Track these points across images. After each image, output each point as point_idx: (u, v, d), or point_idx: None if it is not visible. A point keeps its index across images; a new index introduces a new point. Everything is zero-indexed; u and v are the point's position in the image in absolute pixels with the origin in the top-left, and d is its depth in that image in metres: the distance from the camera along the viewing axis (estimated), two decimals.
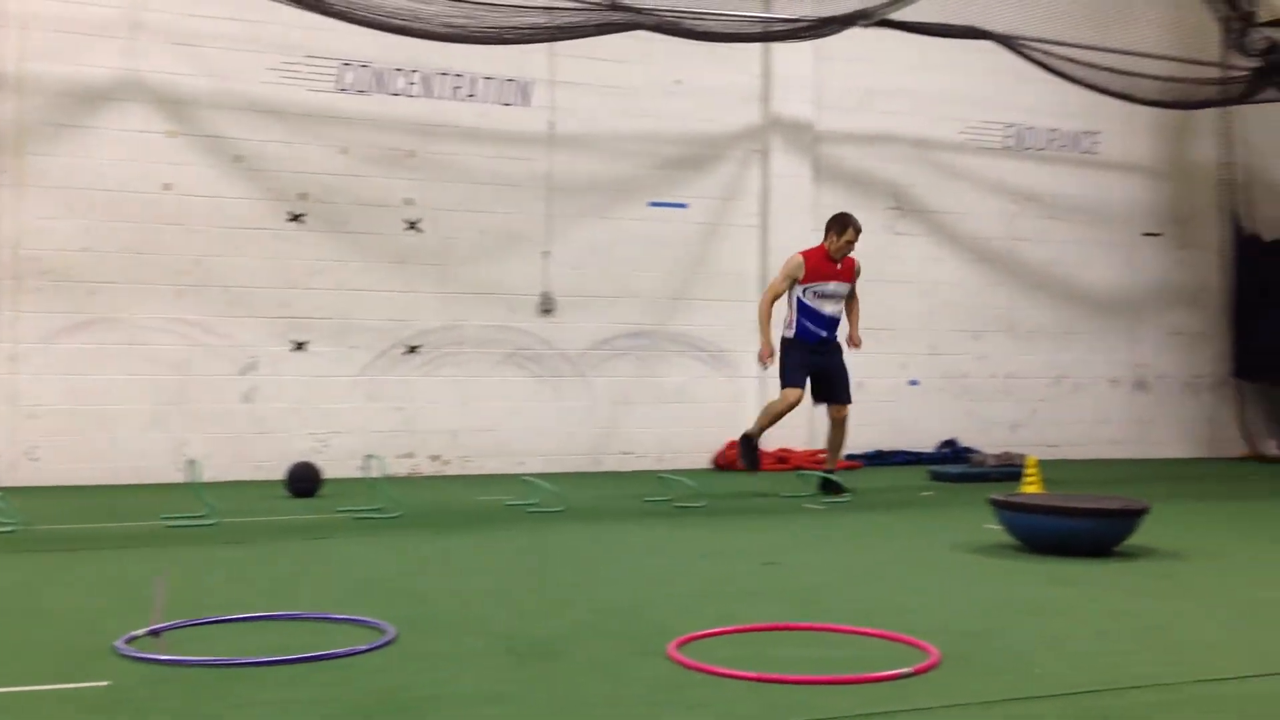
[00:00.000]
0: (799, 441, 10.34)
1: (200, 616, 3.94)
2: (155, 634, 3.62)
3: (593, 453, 9.91)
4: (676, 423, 10.17)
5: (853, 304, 8.35)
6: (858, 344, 8.34)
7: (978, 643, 3.66)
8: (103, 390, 8.59)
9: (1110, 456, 11.76)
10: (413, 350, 9.42)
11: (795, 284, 8.04)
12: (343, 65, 9.20)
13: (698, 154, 10.32)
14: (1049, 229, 11.68)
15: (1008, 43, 9.79)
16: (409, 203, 9.41)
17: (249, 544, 5.77)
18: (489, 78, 9.61)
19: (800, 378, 8.01)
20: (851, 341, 8.31)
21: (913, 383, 11.04)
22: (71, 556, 5.39)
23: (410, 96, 9.42)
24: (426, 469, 9.43)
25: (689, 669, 3.30)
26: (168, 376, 8.74)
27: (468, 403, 9.56)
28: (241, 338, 8.94)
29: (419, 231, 9.44)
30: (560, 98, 9.83)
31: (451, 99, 9.54)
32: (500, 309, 9.67)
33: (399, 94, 9.39)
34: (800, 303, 8.04)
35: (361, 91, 9.28)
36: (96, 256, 8.58)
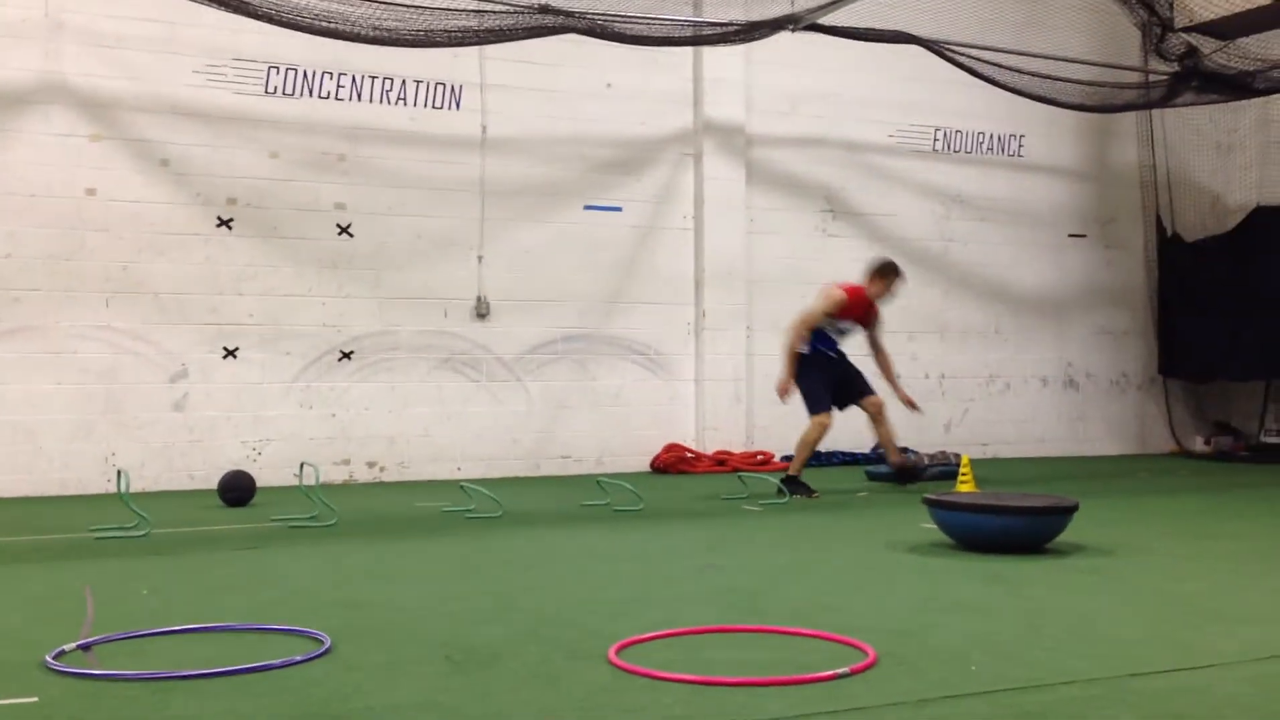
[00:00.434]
0: (738, 444, 10.41)
1: (132, 629, 3.87)
2: (85, 648, 3.55)
3: (531, 457, 9.89)
4: (615, 426, 10.18)
5: (885, 357, 8.56)
6: (912, 405, 8.44)
7: (913, 641, 3.71)
8: (27, 400, 8.42)
9: (1042, 454, 11.96)
10: (346, 356, 9.34)
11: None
12: (270, 68, 9.11)
13: (631, 157, 10.35)
14: (978, 230, 11.86)
15: (934, 47, 9.92)
16: (340, 207, 9.34)
17: (181, 555, 5.68)
18: (419, 81, 9.56)
19: (827, 400, 8.16)
20: (908, 404, 8.42)
21: None
22: None
23: (340, 100, 9.35)
24: (362, 476, 9.35)
25: (627, 673, 3.30)
26: (95, 385, 8.59)
27: (403, 408, 9.49)
28: (171, 345, 8.81)
29: (350, 236, 9.36)
30: (492, 101, 9.81)
31: (382, 102, 9.47)
32: (435, 314, 9.61)
33: (328, 97, 9.31)
34: (819, 330, 8.18)
35: (289, 95, 9.18)
36: (19, 263, 8.42)
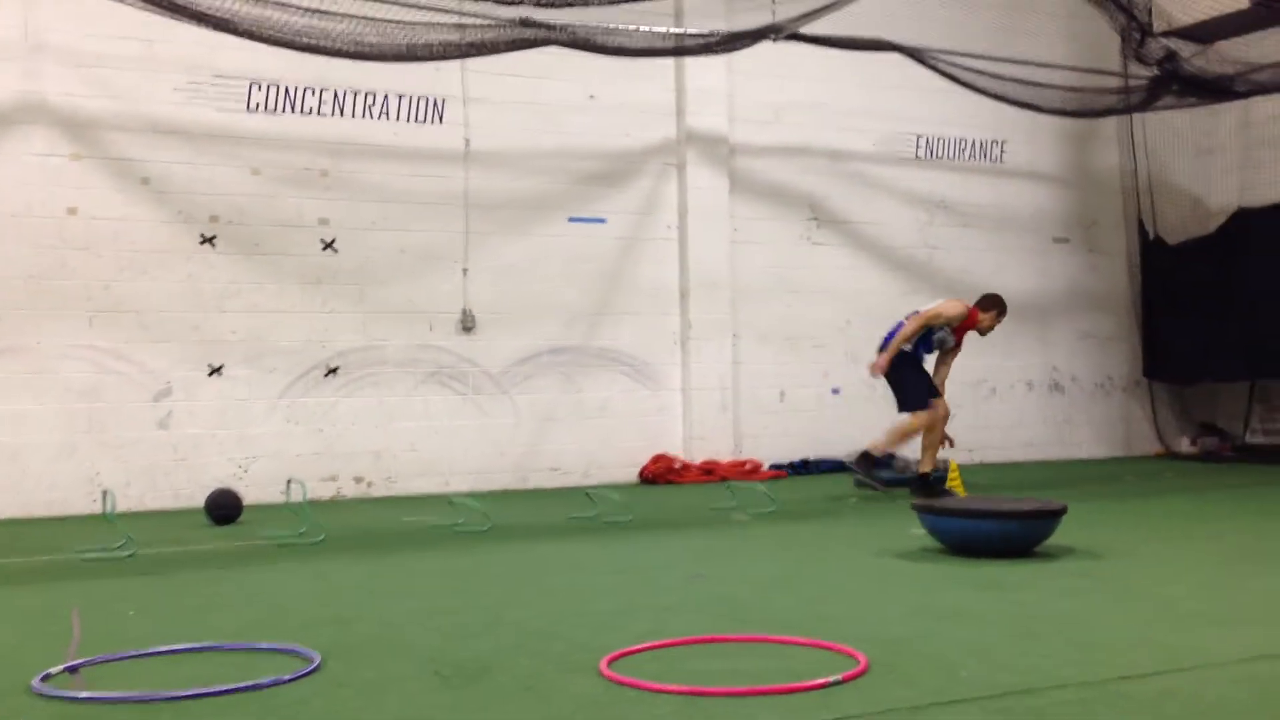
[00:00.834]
0: (725, 453, 10.41)
1: (119, 650, 3.84)
2: (73, 670, 3.53)
3: (519, 470, 9.87)
4: (602, 437, 10.17)
5: (944, 375, 8.86)
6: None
7: (904, 648, 3.70)
8: (10, 420, 8.37)
9: (1029, 459, 11.99)
10: (332, 372, 9.31)
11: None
12: (251, 84, 9.10)
13: (614, 169, 10.35)
14: (962, 236, 11.89)
15: (915, 55, 9.95)
16: (324, 223, 9.32)
17: (169, 574, 5.65)
18: (401, 95, 9.56)
19: (933, 389, 8.49)
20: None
21: (835, 391, 11.15)
22: None
23: (321, 115, 9.33)
24: (350, 491, 9.32)
25: (618, 685, 3.29)
26: (79, 405, 8.54)
27: (390, 423, 9.47)
28: (155, 364, 8.77)
29: (334, 251, 9.35)
30: (474, 114, 9.81)
31: (364, 117, 9.47)
32: (420, 328, 9.60)
33: (310, 113, 9.30)
34: (925, 336, 8.48)
35: (271, 111, 9.17)
36: (1, 282, 8.38)
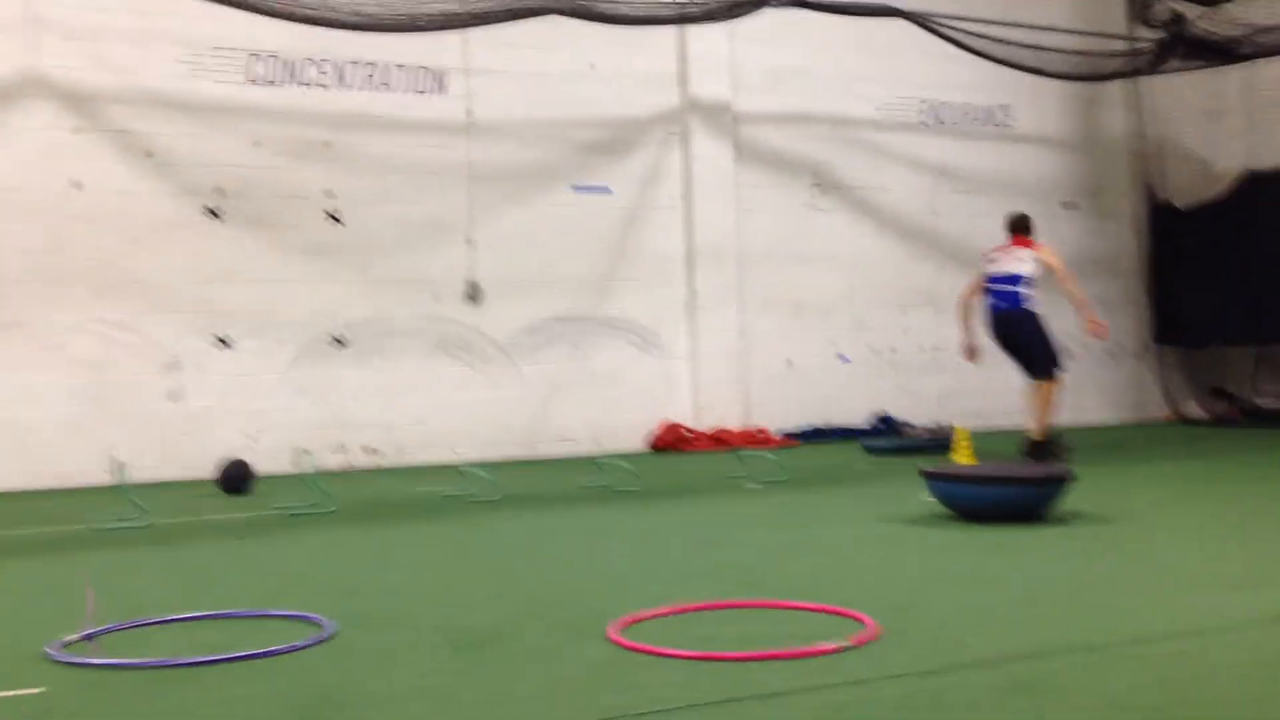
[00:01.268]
0: (734, 420, 10.41)
1: (135, 618, 3.87)
2: (89, 638, 3.56)
3: (528, 440, 9.89)
4: (610, 406, 10.19)
5: None
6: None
7: (914, 613, 3.72)
8: (19, 394, 8.40)
9: None
10: (340, 342, 9.33)
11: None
12: (251, 56, 9.07)
13: (617, 138, 10.32)
14: (968, 202, 11.84)
15: (918, 20, 9.89)
16: (328, 194, 9.31)
17: (182, 545, 5.68)
18: (402, 66, 9.52)
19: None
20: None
21: (843, 359, 11.15)
22: None
23: (323, 87, 9.31)
24: (360, 462, 9.35)
25: (628, 650, 3.31)
26: (88, 378, 8.57)
27: (399, 394, 9.49)
28: (163, 336, 8.79)
29: (340, 223, 9.34)
30: (476, 85, 9.77)
31: (366, 89, 9.44)
32: (427, 298, 9.60)
33: (311, 84, 9.28)
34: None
35: (271, 83, 9.14)
36: (5, 257, 8.38)
